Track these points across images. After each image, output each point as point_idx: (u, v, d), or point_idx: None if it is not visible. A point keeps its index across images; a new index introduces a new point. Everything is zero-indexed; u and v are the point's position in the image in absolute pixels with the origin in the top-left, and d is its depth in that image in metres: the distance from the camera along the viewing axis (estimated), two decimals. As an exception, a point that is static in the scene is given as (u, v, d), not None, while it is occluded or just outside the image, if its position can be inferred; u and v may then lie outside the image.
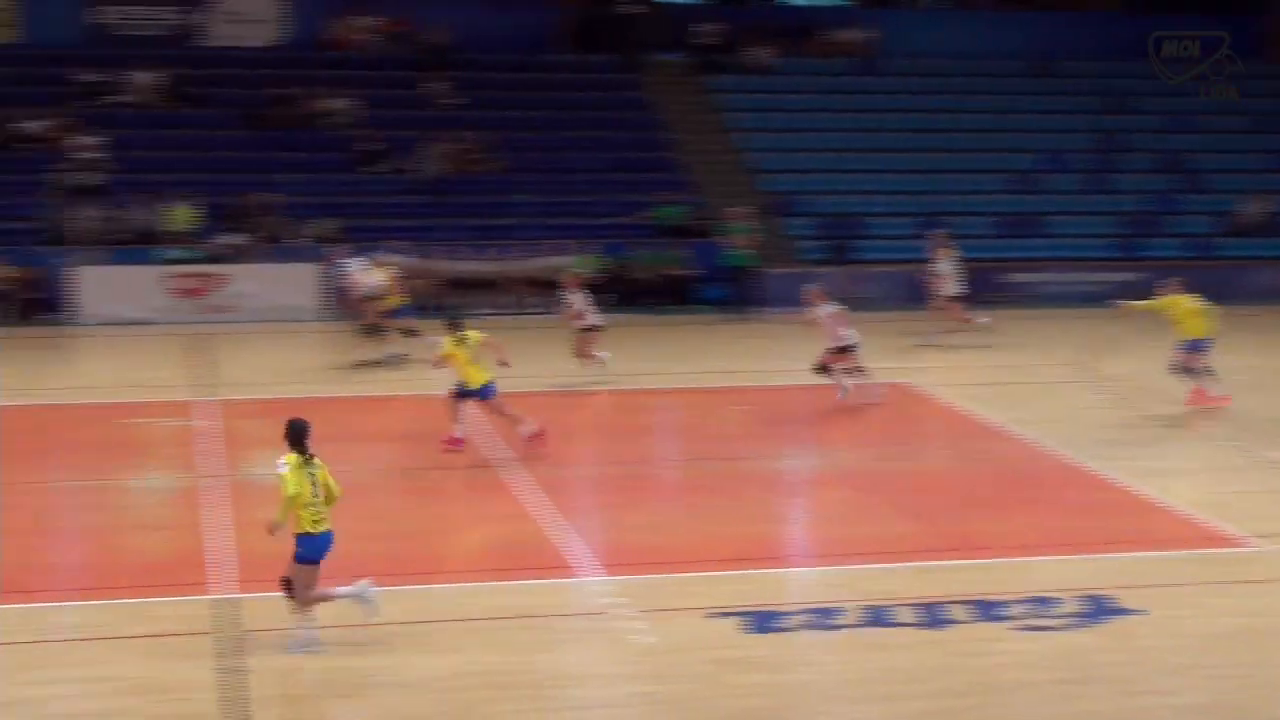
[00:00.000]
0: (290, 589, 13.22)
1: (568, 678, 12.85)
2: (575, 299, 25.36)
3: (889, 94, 40.23)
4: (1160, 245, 37.01)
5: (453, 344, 20.05)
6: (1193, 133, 40.39)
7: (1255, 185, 38.98)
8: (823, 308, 23.67)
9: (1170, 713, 12.23)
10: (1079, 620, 14.06)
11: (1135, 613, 14.26)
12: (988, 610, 14.22)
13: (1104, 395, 24.70)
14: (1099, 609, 14.32)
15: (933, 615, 14.10)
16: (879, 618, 14.04)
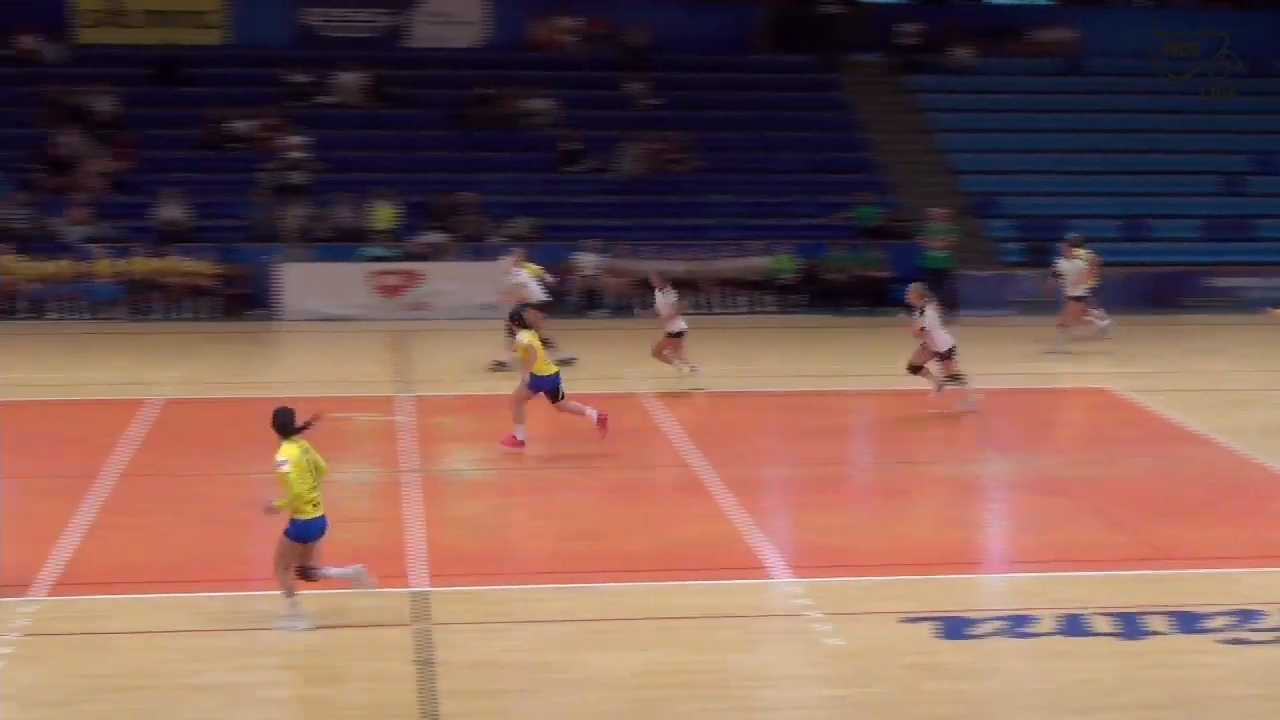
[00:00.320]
0: (309, 576, 13.49)
1: (758, 678, 12.83)
2: (663, 300, 24.56)
3: (1092, 94, 39.53)
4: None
5: (532, 336, 20.18)
6: None
7: None
8: (927, 312, 22.72)
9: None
10: (1284, 635, 13.71)
11: (1344, 630, 13.86)
12: (1188, 622, 13.91)
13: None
14: (1306, 624, 13.95)
15: (1130, 625, 13.82)
16: (1075, 627, 13.80)
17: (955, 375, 22.73)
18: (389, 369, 26.78)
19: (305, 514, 13.40)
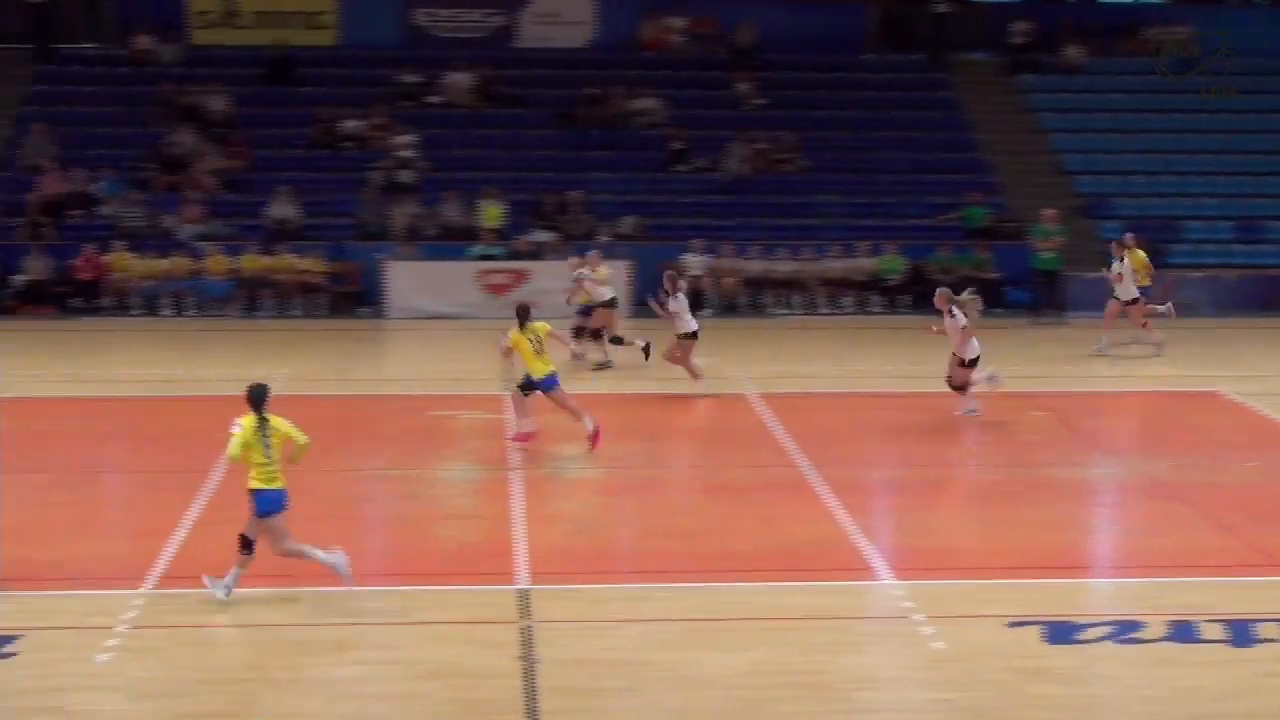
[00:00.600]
0: (248, 546, 14.06)
1: (862, 680, 12.75)
2: (674, 302, 24.21)
3: (1206, 94, 38.96)
4: None
5: (518, 335, 20.14)
6: None
7: None
8: (958, 315, 22.24)
9: None
10: (1401, 645, 13.44)
11: None
12: (1300, 630, 13.70)
13: None
14: None
15: (1241, 633, 13.60)
16: (1184, 633, 13.60)
17: (964, 384, 22.39)
18: (495, 367, 26.88)
19: (259, 484, 13.97)
